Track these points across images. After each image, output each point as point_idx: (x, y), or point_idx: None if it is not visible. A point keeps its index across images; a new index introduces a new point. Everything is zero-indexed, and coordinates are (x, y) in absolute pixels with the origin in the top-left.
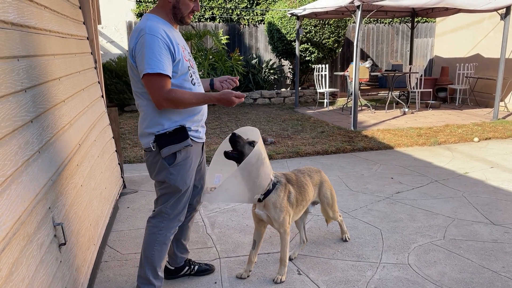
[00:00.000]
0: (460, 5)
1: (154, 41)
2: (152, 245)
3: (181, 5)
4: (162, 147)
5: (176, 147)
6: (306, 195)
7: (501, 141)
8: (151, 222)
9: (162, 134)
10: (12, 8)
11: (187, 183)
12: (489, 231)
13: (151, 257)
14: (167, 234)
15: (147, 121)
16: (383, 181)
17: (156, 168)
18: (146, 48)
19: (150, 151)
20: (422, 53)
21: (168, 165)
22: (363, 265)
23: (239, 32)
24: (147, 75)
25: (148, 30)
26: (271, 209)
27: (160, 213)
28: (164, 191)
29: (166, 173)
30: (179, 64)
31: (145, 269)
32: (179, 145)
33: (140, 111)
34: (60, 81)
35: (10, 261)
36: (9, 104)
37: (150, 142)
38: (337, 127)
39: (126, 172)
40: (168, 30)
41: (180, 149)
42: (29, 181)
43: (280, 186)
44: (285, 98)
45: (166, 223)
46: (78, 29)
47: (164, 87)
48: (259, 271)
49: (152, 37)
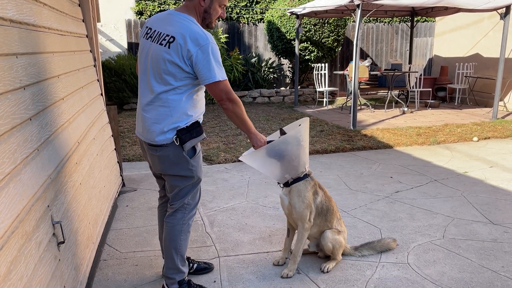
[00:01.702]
0: (459, 5)
1: (217, 50)
2: (178, 236)
3: (212, 10)
4: (184, 141)
5: (196, 141)
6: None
7: (500, 141)
8: (175, 217)
9: (183, 129)
10: (11, 5)
11: (202, 172)
12: (488, 231)
13: (179, 247)
14: (190, 223)
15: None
16: (383, 180)
17: (174, 162)
18: (212, 56)
19: (166, 146)
20: (422, 52)
21: (189, 158)
22: (362, 264)
23: (239, 31)
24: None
25: (211, 39)
26: (295, 196)
27: (183, 205)
28: (184, 184)
29: (188, 166)
30: None
31: (174, 259)
32: (198, 138)
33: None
34: (59, 79)
35: (8, 259)
36: (8, 101)
37: (172, 137)
38: (336, 126)
39: (125, 170)
40: None
41: (198, 142)
42: (28, 179)
43: (310, 180)
44: (284, 97)
45: (188, 213)
46: (77, 27)
47: (232, 91)
48: (258, 270)
49: (216, 46)
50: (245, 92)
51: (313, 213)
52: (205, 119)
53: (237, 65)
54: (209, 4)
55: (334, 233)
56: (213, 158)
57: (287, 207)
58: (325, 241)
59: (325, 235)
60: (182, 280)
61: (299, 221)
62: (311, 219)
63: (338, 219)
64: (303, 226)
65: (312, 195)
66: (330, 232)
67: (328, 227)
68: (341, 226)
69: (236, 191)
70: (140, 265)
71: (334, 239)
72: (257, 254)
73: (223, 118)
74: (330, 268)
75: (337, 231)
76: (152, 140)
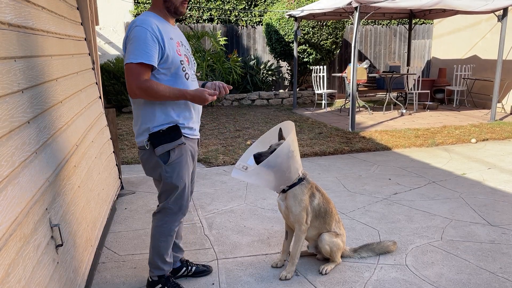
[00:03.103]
0: (457, 7)
1: (142, 32)
2: (158, 237)
3: None
4: (155, 146)
5: (170, 146)
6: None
7: (498, 142)
8: (156, 216)
9: (156, 133)
10: (9, 8)
11: (184, 180)
12: (486, 232)
13: (158, 247)
14: (171, 227)
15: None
16: (381, 182)
17: (151, 166)
18: (135, 39)
19: (144, 149)
20: (420, 54)
21: (163, 164)
22: (360, 266)
23: (237, 34)
24: (129, 64)
25: (139, 23)
26: (291, 199)
27: (164, 208)
28: (163, 188)
29: (162, 171)
30: (169, 59)
31: (154, 257)
32: (172, 143)
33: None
34: (58, 82)
35: (6, 262)
36: (6, 104)
37: (144, 140)
38: (335, 128)
39: (124, 173)
40: (161, 25)
41: (174, 148)
42: (26, 182)
43: (306, 183)
44: (283, 99)
45: (170, 217)
46: (76, 30)
47: (140, 75)
48: (256, 272)
49: (142, 29)
50: (244, 95)
51: (310, 216)
52: (204, 122)
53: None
54: None
55: (332, 235)
56: (211, 161)
57: (284, 211)
58: (322, 243)
59: (322, 238)
60: (162, 276)
61: (296, 224)
62: (308, 221)
63: (337, 221)
64: (300, 229)
65: (308, 198)
66: (328, 235)
67: (327, 229)
68: (340, 229)
69: (235, 194)
70: (138, 267)
71: (332, 241)
72: (256, 256)
73: (222, 121)
74: (328, 270)
75: (335, 234)
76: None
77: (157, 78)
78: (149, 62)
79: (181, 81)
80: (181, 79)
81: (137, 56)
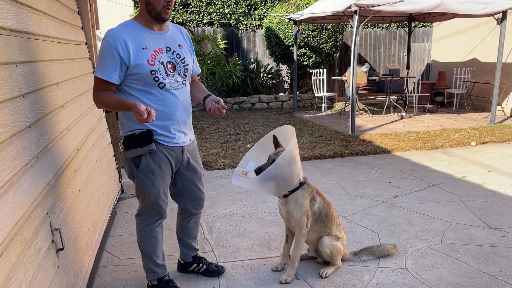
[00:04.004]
0: (456, 10)
1: (106, 47)
2: (143, 239)
3: (152, 1)
4: (127, 149)
5: (139, 151)
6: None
7: (498, 145)
8: (136, 220)
9: (129, 136)
10: (10, 14)
11: (157, 187)
12: (486, 235)
13: (145, 250)
14: (152, 229)
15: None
16: (381, 185)
17: (127, 168)
18: (100, 52)
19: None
20: (419, 57)
21: (135, 168)
22: (360, 270)
23: (237, 37)
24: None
25: (107, 36)
26: (292, 204)
27: (141, 212)
28: (137, 191)
29: (135, 175)
30: (138, 68)
31: (146, 261)
32: (142, 149)
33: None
34: (58, 86)
35: (7, 266)
36: (7, 109)
37: (120, 143)
38: (335, 132)
39: (124, 177)
40: (136, 35)
41: (144, 153)
42: (27, 187)
43: (307, 187)
44: (283, 102)
45: (148, 220)
46: (77, 34)
47: (97, 87)
48: (256, 276)
49: (106, 43)
50: (244, 98)
51: (311, 220)
52: (204, 125)
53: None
54: None
55: (332, 239)
56: (211, 164)
57: (285, 216)
58: (322, 246)
59: (322, 241)
60: (160, 278)
61: (297, 228)
62: (308, 225)
63: (338, 225)
64: (300, 232)
65: (309, 202)
66: (328, 238)
67: (327, 233)
68: (340, 233)
69: (235, 197)
70: (139, 271)
71: (332, 244)
72: (256, 260)
73: (222, 124)
74: (328, 274)
75: (336, 237)
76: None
77: (130, 87)
78: (103, 77)
79: (155, 90)
80: (155, 88)
81: (97, 70)
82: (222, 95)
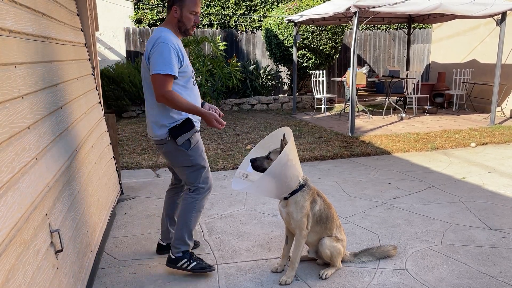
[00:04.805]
0: (456, 11)
1: (166, 48)
2: (190, 212)
3: (184, 19)
4: (176, 137)
5: (187, 135)
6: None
7: (498, 146)
8: (189, 195)
9: (174, 127)
10: (9, 15)
11: (205, 159)
12: (486, 236)
13: (188, 222)
14: (202, 203)
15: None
16: (381, 187)
17: (175, 156)
18: (160, 53)
19: (165, 143)
20: (419, 58)
21: (186, 150)
22: (360, 271)
23: (237, 39)
24: (156, 75)
25: (163, 39)
26: (292, 206)
27: (197, 188)
28: (191, 171)
29: (187, 156)
30: (186, 68)
31: (182, 231)
32: (189, 132)
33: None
34: (58, 87)
35: (6, 268)
36: (6, 110)
37: (165, 134)
38: (334, 133)
39: (124, 178)
40: (177, 41)
41: (192, 136)
42: (26, 188)
43: (307, 189)
44: (282, 104)
45: (202, 194)
46: (76, 35)
47: (166, 85)
48: (256, 277)
49: (166, 45)
50: (244, 99)
51: (311, 221)
52: (203, 126)
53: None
54: (180, 14)
55: (333, 240)
56: (211, 166)
57: (286, 218)
58: (322, 247)
59: (323, 242)
60: (186, 251)
61: (297, 229)
62: (308, 227)
63: (338, 226)
64: (300, 234)
65: (309, 204)
66: (328, 239)
67: (328, 234)
68: (340, 234)
69: (235, 198)
70: (138, 273)
71: (332, 246)
72: (256, 261)
73: None
74: (328, 275)
75: (336, 239)
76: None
77: (175, 83)
78: (173, 73)
79: (190, 86)
80: (190, 84)
81: (163, 68)
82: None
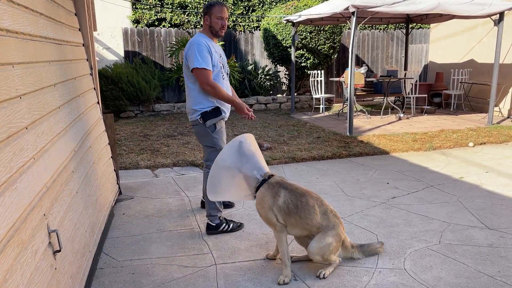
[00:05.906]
0: (454, 12)
1: (198, 47)
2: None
3: (213, 24)
4: (206, 120)
5: (215, 120)
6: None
7: (496, 146)
8: (208, 167)
9: (205, 112)
10: (7, 15)
11: (224, 142)
12: (484, 236)
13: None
14: None
15: (195, 101)
16: (379, 186)
17: (203, 135)
18: (195, 52)
19: (197, 124)
20: (417, 58)
21: (211, 132)
22: (359, 271)
23: (235, 39)
24: (196, 69)
25: (195, 41)
26: (256, 204)
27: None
28: (211, 150)
29: (212, 137)
30: (215, 65)
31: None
32: (217, 118)
33: (190, 96)
34: (56, 87)
35: (4, 268)
36: (4, 110)
37: (197, 117)
38: (333, 133)
39: (122, 178)
40: (209, 42)
41: (218, 121)
42: (24, 188)
43: (266, 185)
44: (281, 104)
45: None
46: (74, 35)
47: (208, 76)
48: (255, 277)
49: (199, 45)
50: (242, 99)
51: (280, 215)
52: None
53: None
54: (210, 21)
55: (320, 239)
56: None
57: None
58: (313, 256)
59: (310, 249)
60: (220, 217)
61: (270, 226)
62: (279, 220)
63: (324, 213)
64: (275, 229)
65: (272, 198)
66: (316, 241)
67: (309, 224)
68: (328, 221)
69: None
70: (136, 273)
71: (320, 247)
72: (254, 261)
73: None
74: (326, 274)
75: (322, 233)
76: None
77: None
78: (209, 68)
79: (220, 79)
80: (220, 78)
81: (201, 63)
82: None
